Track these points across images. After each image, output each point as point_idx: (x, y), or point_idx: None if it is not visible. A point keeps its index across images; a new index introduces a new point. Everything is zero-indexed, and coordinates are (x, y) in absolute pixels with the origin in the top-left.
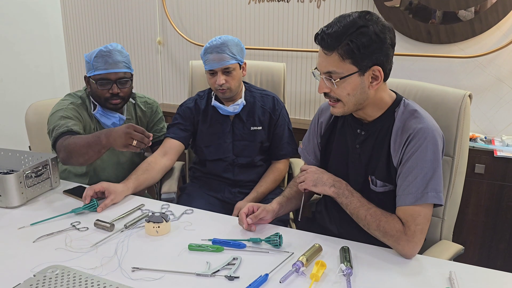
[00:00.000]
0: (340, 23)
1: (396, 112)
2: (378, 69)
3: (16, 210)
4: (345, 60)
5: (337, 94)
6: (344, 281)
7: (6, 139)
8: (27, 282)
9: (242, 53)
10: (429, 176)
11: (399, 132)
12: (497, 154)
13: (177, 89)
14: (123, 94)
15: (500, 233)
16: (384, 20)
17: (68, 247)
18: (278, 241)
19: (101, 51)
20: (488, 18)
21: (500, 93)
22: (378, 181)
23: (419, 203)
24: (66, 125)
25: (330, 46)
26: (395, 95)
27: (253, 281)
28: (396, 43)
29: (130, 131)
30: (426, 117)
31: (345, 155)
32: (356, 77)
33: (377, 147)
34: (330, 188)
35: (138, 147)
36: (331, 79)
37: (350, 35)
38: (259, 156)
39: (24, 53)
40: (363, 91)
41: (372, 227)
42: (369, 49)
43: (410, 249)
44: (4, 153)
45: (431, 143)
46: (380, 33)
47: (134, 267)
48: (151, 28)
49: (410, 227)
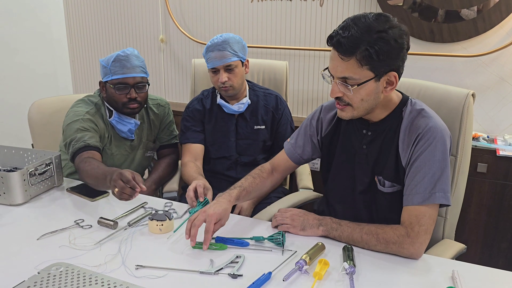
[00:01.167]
0: (357, 26)
1: (404, 111)
2: (394, 75)
3: (19, 208)
4: (363, 66)
5: (351, 99)
6: (347, 279)
7: (9, 137)
8: (32, 279)
9: (244, 50)
10: (437, 176)
11: (407, 131)
12: (500, 153)
13: (179, 87)
14: (140, 99)
15: (502, 232)
16: (398, 22)
17: (72, 245)
18: (281, 239)
19: (119, 55)
20: (491, 17)
21: (503, 92)
22: (386, 182)
23: (426, 203)
24: (83, 140)
25: (348, 51)
26: (401, 95)
27: (256, 279)
28: None
29: (116, 179)
30: (434, 116)
31: (351, 156)
32: (372, 83)
33: (384, 147)
34: (319, 229)
35: (117, 196)
36: (347, 84)
37: (369, 40)
38: (261, 155)
39: (27, 51)
40: (376, 96)
41: (372, 243)
42: (389, 55)
43: (416, 250)
44: (7, 150)
45: (440, 143)
46: (399, 39)
47: (137, 265)
48: (154, 26)
49: (413, 228)
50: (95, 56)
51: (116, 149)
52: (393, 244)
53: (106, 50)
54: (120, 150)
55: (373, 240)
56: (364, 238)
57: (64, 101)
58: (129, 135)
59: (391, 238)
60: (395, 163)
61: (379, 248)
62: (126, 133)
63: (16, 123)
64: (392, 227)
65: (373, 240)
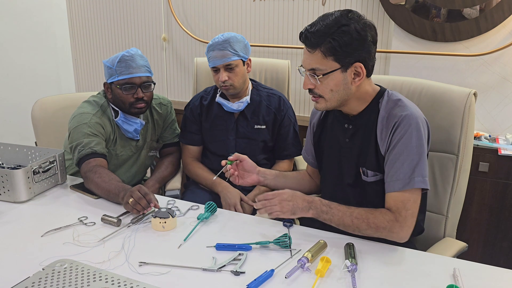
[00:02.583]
0: (323, 22)
1: (380, 103)
2: (360, 66)
3: (23, 205)
4: (328, 57)
5: (321, 91)
6: (349, 277)
7: (13, 135)
8: (36, 276)
9: (246, 49)
10: (415, 162)
11: (385, 121)
12: (501, 152)
13: (181, 86)
14: (147, 98)
15: (503, 231)
16: (365, 18)
17: (76, 242)
18: (288, 242)
19: (124, 56)
20: (493, 16)
21: (505, 92)
22: (369, 172)
23: (407, 188)
24: (89, 146)
25: (314, 44)
26: (379, 88)
27: (258, 276)
28: (400, 40)
29: (134, 190)
30: (410, 105)
31: (337, 150)
32: (339, 74)
33: (365, 139)
34: (308, 211)
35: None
36: (314, 75)
37: (333, 33)
38: (262, 155)
39: (30, 50)
40: (346, 87)
41: (363, 227)
42: (351, 46)
43: (404, 233)
44: (11, 148)
45: (415, 130)
46: (361, 31)
47: (141, 262)
48: (156, 24)
49: (401, 213)
50: (97, 55)
51: (121, 150)
52: (383, 229)
53: (109, 49)
54: (126, 150)
55: (363, 224)
56: (355, 222)
57: (67, 99)
58: (135, 135)
59: (381, 223)
60: (375, 153)
61: (369, 232)
62: (132, 133)
63: (20, 121)
64: (381, 212)
65: (363, 225)
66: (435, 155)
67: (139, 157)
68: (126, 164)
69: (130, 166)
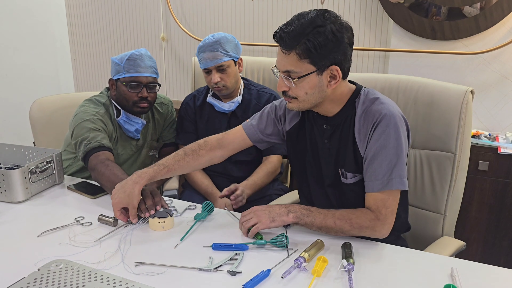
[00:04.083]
0: (299, 22)
1: (356, 102)
2: (336, 69)
3: (20, 205)
4: (303, 59)
5: (295, 93)
6: (346, 276)
7: (11, 135)
8: (32, 276)
9: (237, 49)
10: (393, 163)
11: (362, 121)
12: (501, 151)
13: (180, 85)
14: (150, 99)
15: (503, 230)
16: (342, 19)
17: (72, 242)
18: (285, 241)
19: (133, 54)
20: (493, 14)
21: (505, 90)
22: (347, 173)
23: (385, 189)
24: (96, 140)
25: (289, 46)
26: (354, 87)
27: (254, 276)
28: (400, 39)
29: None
30: (388, 102)
31: (316, 151)
32: (314, 77)
33: (343, 139)
34: (288, 216)
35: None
36: (289, 78)
37: (308, 34)
38: (255, 153)
39: (28, 50)
40: (321, 89)
41: (346, 228)
42: (326, 48)
43: (386, 231)
44: (9, 148)
45: (393, 130)
46: (337, 32)
47: (137, 262)
48: (155, 24)
49: (381, 211)
50: (96, 54)
51: (122, 149)
52: (366, 228)
53: (108, 49)
54: (126, 150)
55: (346, 225)
56: (338, 224)
57: (65, 99)
58: (136, 135)
59: (363, 223)
60: (353, 154)
61: (352, 233)
62: (133, 132)
63: (18, 121)
64: (362, 212)
65: (346, 226)
66: (432, 154)
67: (139, 157)
68: (126, 164)
69: (130, 165)
